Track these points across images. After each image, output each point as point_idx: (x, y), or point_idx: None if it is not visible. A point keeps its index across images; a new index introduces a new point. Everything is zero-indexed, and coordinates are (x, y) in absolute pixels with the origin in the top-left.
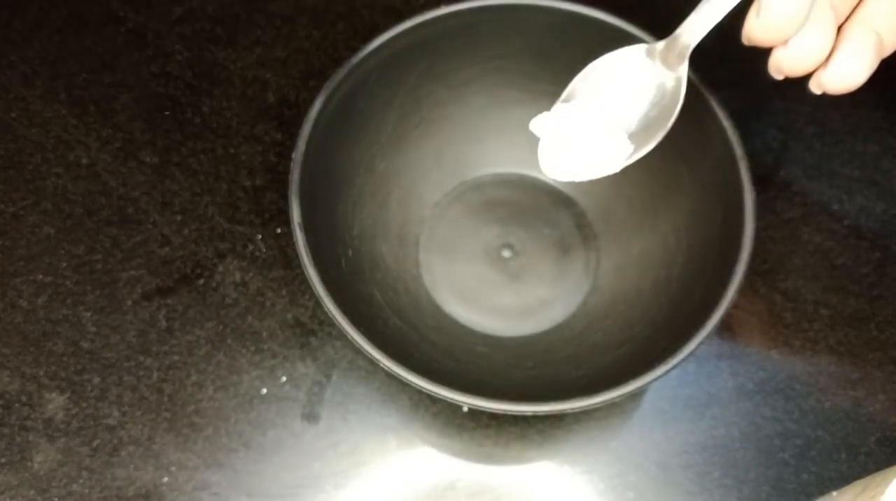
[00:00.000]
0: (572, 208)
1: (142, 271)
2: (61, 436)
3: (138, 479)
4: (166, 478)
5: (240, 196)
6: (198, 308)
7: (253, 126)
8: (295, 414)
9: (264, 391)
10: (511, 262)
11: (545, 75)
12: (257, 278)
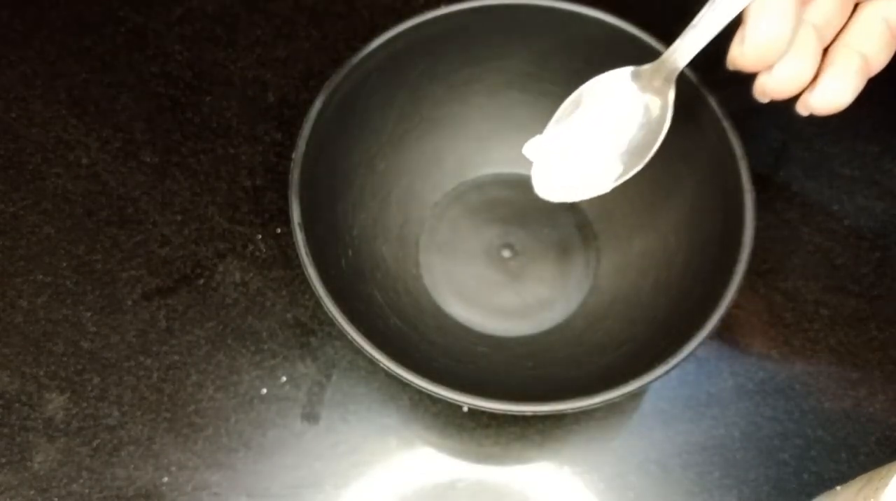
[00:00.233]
0: (572, 208)
1: (142, 271)
2: (61, 436)
3: (138, 479)
4: (166, 478)
5: (240, 196)
6: (198, 308)
7: (253, 126)
8: (295, 414)
9: (264, 391)
10: (511, 262)
11: (545, 75)
12: (257, 278)
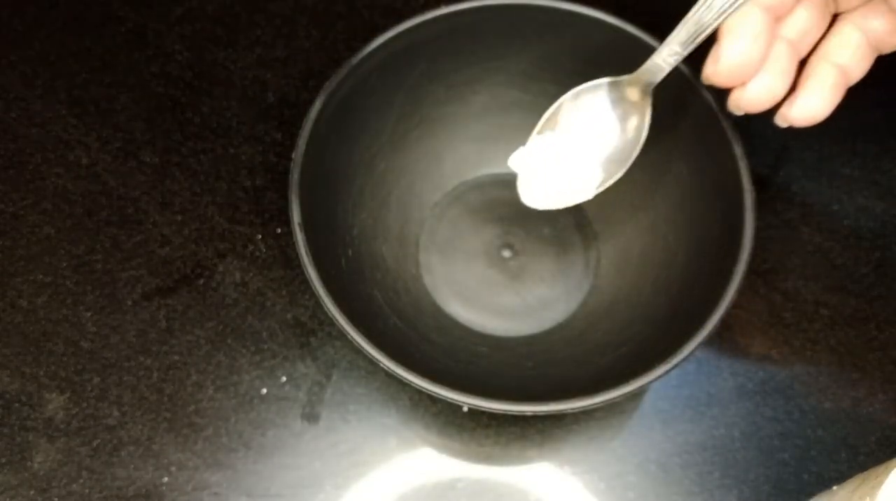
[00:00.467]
0: (572, 208)
1: (142, 271)
2: (61, 436)
3: (138, 479)
4: (166, 478)
5: (240, 196)
6: (198, 308)
7: (253, 126)
8: (295, 414)
9: (264, 391)
10: (511, 262)
11: (545, 75)
12: (257, 278)
